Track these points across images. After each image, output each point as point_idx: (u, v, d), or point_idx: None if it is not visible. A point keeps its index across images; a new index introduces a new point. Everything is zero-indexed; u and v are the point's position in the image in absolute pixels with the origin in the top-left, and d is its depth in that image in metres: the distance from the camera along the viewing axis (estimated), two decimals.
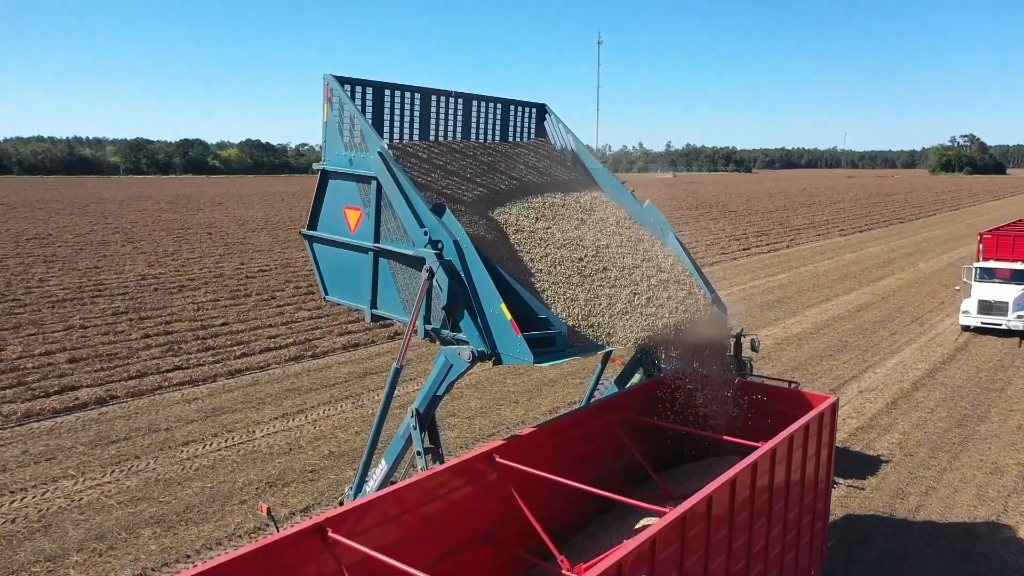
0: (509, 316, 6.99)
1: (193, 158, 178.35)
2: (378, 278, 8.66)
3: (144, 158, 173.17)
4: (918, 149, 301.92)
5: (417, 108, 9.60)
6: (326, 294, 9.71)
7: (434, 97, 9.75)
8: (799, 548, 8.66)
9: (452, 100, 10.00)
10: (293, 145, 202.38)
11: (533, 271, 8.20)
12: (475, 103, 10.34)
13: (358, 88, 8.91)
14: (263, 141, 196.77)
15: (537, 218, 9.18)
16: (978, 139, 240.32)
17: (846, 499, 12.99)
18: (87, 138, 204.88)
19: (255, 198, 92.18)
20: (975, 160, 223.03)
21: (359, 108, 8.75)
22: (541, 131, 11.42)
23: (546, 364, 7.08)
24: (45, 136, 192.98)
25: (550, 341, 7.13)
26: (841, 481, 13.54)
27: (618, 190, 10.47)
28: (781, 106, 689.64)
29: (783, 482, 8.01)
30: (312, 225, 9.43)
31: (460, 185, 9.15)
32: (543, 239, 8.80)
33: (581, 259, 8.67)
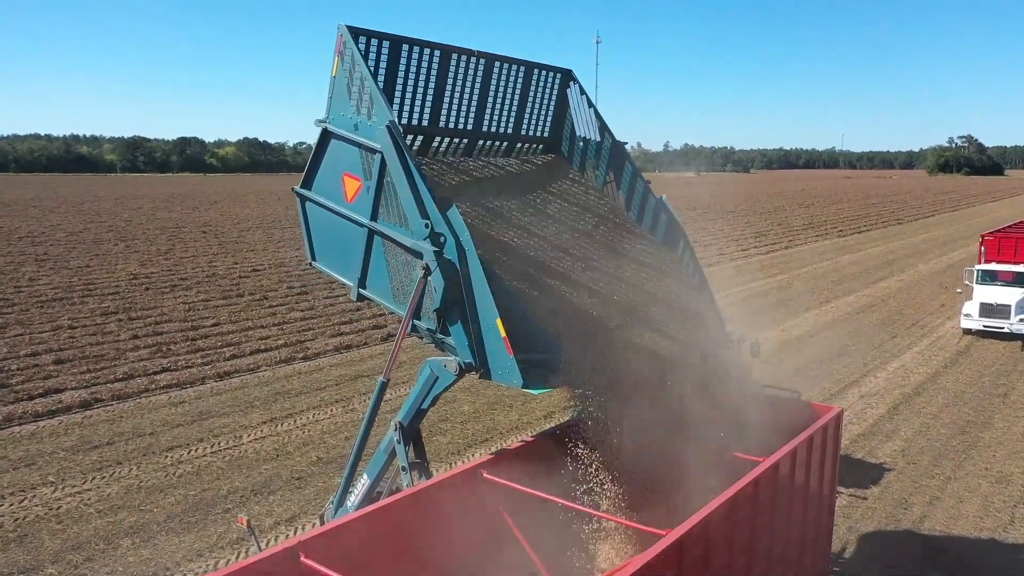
0: (504, 333, 6.52)
1: (190, 156, 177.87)
2: (370, 256, 8.05)
3: (141, 156, 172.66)
4: (916, 150, 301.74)
5: (435, 67, 8.78)
6: (313, 259, 9.06)
7: (455, 55, 8.95)
8: (801, 567, 8.29)
9: (474, 60, 9.17)
10: (291, 144, 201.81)
11: (542, 287, 7.73)
12: (496, 64, 9.51)
13: (374, 41, 8.09)
14: (260, 139, 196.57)
15: (555, 234, 8.73)
16: (976, 140, 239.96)
17: (848, 509, 12.63)
18: (84, 136, 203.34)
19: (251, 196, 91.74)
20: (973, 161, 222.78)
21: (372, 66, 8.02)
22: (563, 100, 10.55)
23: (535, 392, 6.63)
24: (42, 134, 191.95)
25: (545, 366, 6.68)
26: (843, 490, 13.15)
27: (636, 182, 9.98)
28: (779, 106, 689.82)
29: (786, 499, 7.63)
30: (307, 184, 8.71)
31: (470, 196, 8.61)
32: (558, 257, 8.38)
33: (595, 281, 8.26)
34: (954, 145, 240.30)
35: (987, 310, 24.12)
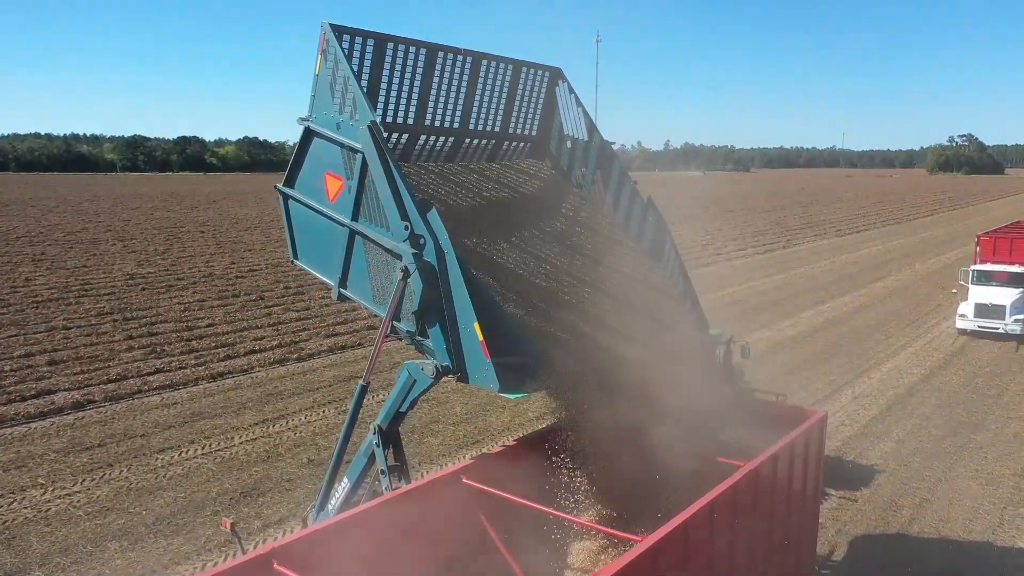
0: (481, 337, 6.50)
1: (190, 155, 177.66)
2: (351, 256, 8.02)
3: (141, 155, 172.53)
4: (916, 149, 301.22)
5: (421, 65, 8.71)
6: (295, 257, 9.05)
7: (440, 54, 8.88)
8: (785, 570, 8.29)
9: (460, 58, 9.11)
10: (291, 143, 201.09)
11: (524, 292, 7.71)
12: (484, 62, 9.44)
13: (358, 40, 8.01)
14: (261, 138, 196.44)
15: (539, 240, 8.72)
16: (976, 139, 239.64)
17: (838, 512, 12.62)
18: (84, 135, 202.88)
19: (251, 196, 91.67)
20: (973, 160, 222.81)
21: (357, 64, 7.96)
22: (551, 99, 10.48)
23: (512, 397, 6.61)
24: (42, 133, 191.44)
25: (522, 370, 6.64)
26: (833, 493, 13.17)
27: (623, 183, 9.96)
28: (779, 105, 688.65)
29: (767, 503, 7.62)
30: (289, 181, 8.71)
31: (456, 196, 8.58)
32: (542, 262, 8.36)
33: (579, 288, 8.25)
34: (955, 144, 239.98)
35: (982, 311, 24.09)
